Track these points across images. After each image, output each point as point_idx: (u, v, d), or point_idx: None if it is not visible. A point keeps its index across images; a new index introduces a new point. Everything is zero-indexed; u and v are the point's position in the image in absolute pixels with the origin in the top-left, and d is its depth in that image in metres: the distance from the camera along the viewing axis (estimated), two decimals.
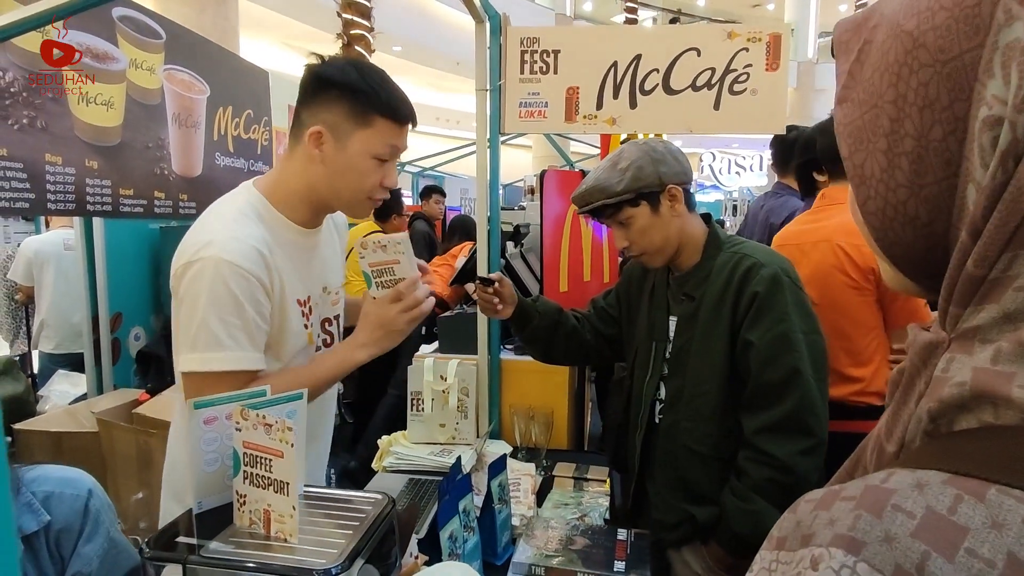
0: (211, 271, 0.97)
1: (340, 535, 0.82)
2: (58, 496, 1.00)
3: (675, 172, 1.29)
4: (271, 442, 0.81)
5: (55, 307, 3.15)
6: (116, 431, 2.13)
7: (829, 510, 0.29)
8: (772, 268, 1.22)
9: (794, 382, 1.17)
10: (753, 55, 1.85)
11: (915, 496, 0.27)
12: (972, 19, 0.29)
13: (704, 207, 8.58)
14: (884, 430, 0.35)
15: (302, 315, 1.12)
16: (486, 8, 1.82)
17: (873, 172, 0.35)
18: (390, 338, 1.09)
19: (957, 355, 0.30)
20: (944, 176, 0.31)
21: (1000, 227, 0.28)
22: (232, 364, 0.99)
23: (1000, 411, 0.27)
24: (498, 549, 1.30)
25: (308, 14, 11.46)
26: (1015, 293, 0.28)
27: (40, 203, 2.02)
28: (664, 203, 1.29)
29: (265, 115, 3.37)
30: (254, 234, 1.03)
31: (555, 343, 1.55)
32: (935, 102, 0.31)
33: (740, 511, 1.19)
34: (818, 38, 17.22)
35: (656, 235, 1.30)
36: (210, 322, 0.97)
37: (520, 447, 1.83)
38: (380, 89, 1.05)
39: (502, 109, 1.91)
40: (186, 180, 2.73)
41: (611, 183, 1.27)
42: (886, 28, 0.34)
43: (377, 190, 1.11)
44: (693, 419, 1.29)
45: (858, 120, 0.35)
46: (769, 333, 1.19)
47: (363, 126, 1.05)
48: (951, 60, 0.30)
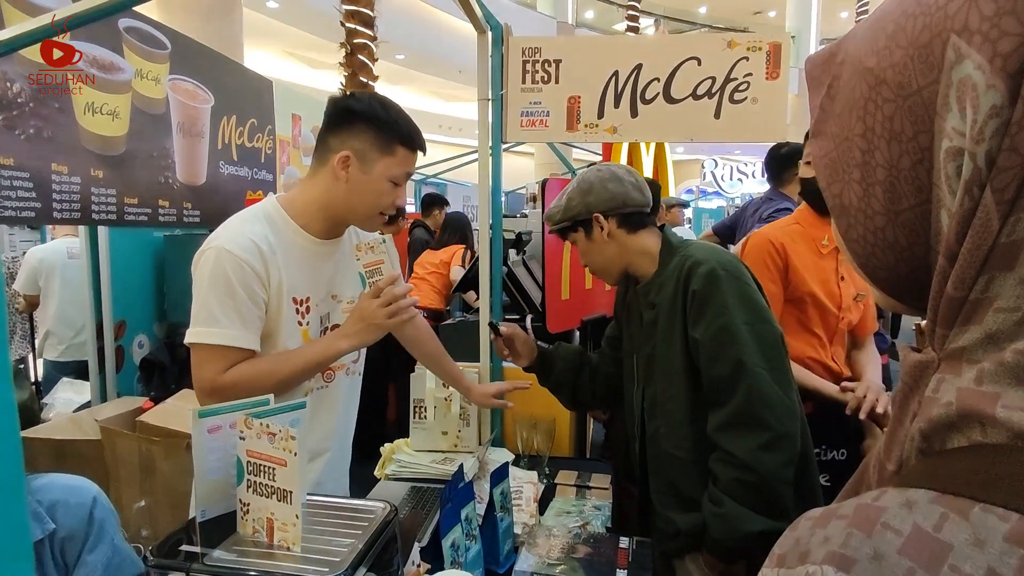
0: (213, 258, 1.11)
1: (343, 543, 0.82)
2: (63, 504, 1.01)
3: (602, 200, 1.35)
4: (274, 451, 0.81)
5: (60, 315, 3.17)
6: (119, 439, 2.13)
7: (825, 528, 0.30)
8: (709, 264, 1.23)
9: (740, 374, 1.16)
10: (753, 64, 1.86)
11: (903, 514, 0.28)
12: (926, 57, 0.30)
13: (706, 213, 8.50)
14: (883, 449, 0.35)
15: (296, 312, 1.21)
16: (488, 19, 1.84)
17: (851, 202, 0.36)
18: (370, 331, 1.19)
19: (946, 375, 0.31)
20: (917, 203, 0.33)
21: (973, 251, 0.29)
22: (223, 339, 1.10)
23: (987, 430, 0.28)
24: (500, 557, 1.30)
25: (311, 24, 11.54)
26: (995, 314, 0.29)
27: (46, 212, 2.04)
28: (595, 230, 1.36)
29: (269, 124, 3.39)
30: (256, 232, 1.16)
31: (581, 385, 1.57)
32: (901, 134, 0.32)
33: (712, 515, 1.18)
34: (819, 45, 17.28)
35: (595, 257, 1.40)
36: (209, 301, 1.10)
37: (522, 455, 1.83)
38: (401, 122, 1.21)
39: (504, 118, 1.92)
40: (190, 188, 2.75)
41: (553, 213, 1.41)
42: (851, 65, 0.35)
43: (389, 208, 1.25)
44: (669, 424, 1.30)
45: (832, 152, 0.37)
46: (711, 328, 1.20)
47: (387, 154, 1.20)
48: (911, 95, 0.31)
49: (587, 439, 2.37)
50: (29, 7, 1.89)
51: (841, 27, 18.28)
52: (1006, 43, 0.27)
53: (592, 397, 1.60)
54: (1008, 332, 0.29)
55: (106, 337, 2.66)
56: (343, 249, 1.31)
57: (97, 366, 2.64)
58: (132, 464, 2.11)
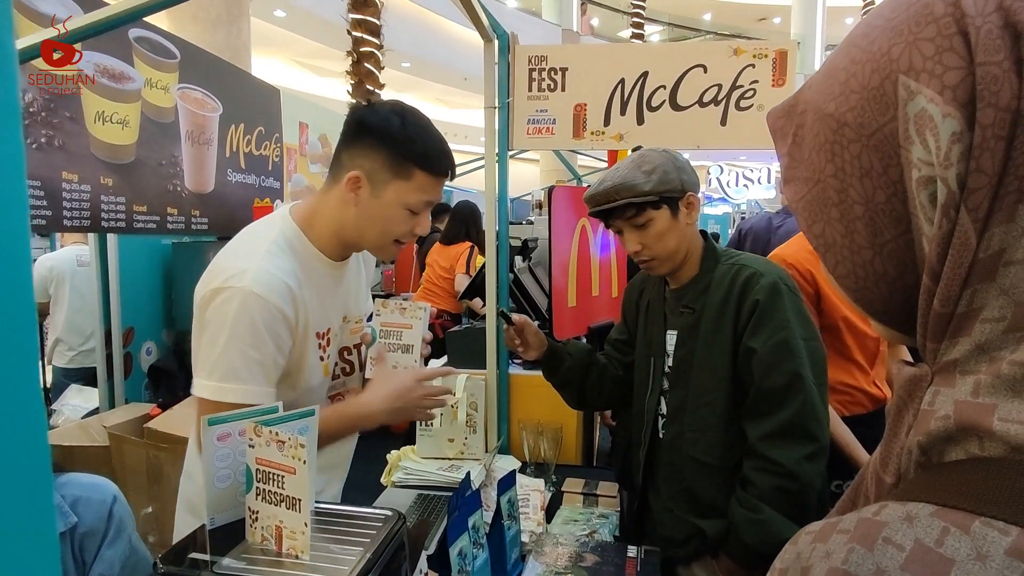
0: (239, 302, 0.97)
1: (351, 552, 0.82)
2: (85, 500, 1.02)
3: (693, 182, 1.33)
4: (284, 459, 0.81)
5: (69, 323, 3.19)
6: (127, 445, 2.14)
7: (826, 543, 0.30)
8: (771, 277, 1.25)
9: (796, 387, 1.18)
10: (759, 71, 1.86)
11: (905, 529, 0.28)
12: (880, 98, 0.33)
13: (713, 219, 8.48)
14: (879, 462, 0.36)
15: (319, 347, 1.13)
16: (494, 27, 1.85)
17: (835, 239, 0.37)
18: (402, 414, 1.11)
19: (941, 388, 0.32)
20: (899, 233, 0.34)
21: (956, 268, 0.31)
22: (245, 398, 0.98)
23: (985, 443, 0.29)
24: (508, 566, 1.30)
25: (318, 32, 11.63)
26: (982, 325, 0.30)
27: (56, 220, 2.06)
28: (682, 210, 1.31)
29: (276, 132, 3.42)
30: (285, 268, 1.02)
31: (588, 385, 1.55)
32: (871, 170, 0.34)
33: (748, 521, 1.19)
34: (825, 51, 17.27)
35: (671, 241, 1.30)
36: (230, 352, 0.97)
37: (529, 462, 1.83)
38: (420, 141, 1.04)
39: (510, 126, 1.93)
40: (198, 196, 2.77)
41: (638, 182, 1.26)
42: (812, 113, 0.37)
43: (406, 236, 1.11)
44: (699, 429, 1.30)
45: (808, 195, 0.38)
46: (771, 340, 1.21)
47: (400, 177, 1.05)
48: (874, 133, 0.33)
49: (594, 447, 2.36)
50: (38, 16, 1.92)
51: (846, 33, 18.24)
52: (952, 76, 0.30)
53: (599, 398, 1.58)
54: (997, 341, 0.30)
55: (115, 344, 2.67)
56: (351, 265, 1.22)
57: (106, 373, 2.66)
58: (140, 470, 2.12)
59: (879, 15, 0.35)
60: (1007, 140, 0.29)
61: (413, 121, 1.06)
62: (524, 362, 2.11)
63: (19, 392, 0.24)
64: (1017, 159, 0.29)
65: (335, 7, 6.90)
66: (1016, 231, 0.29)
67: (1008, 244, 0.29)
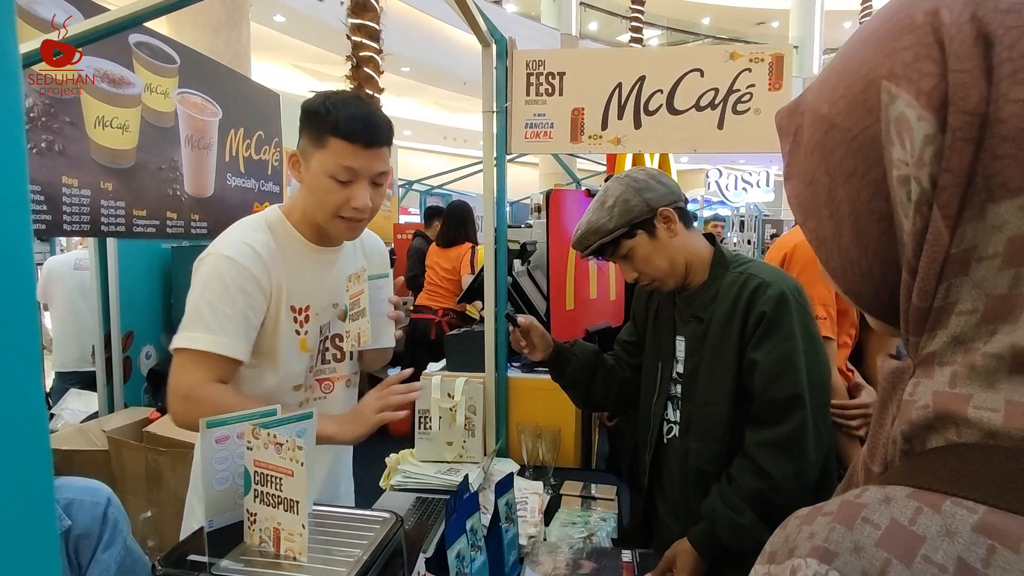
0: (211, 263, 1.09)
1: (349, 554, 0.83)
2: (79, 503, 1.02)
3: (661, 195, 1.30)
4: (281, 461, 0.82)
5: (67, 327, 3.19)
6: (126, 449, 2.14)
7: (811, 524, 0.32)
8: (778, 287, 1.23)
9: (795, 403, 1.18)
10: (756, 75, 1.87)
11: (882, 509, 0.30)
12: (864, 103, 0.35)
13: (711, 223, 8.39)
14: (867, 453, 0.38)
15: (294, 320, 1.18)
16: (492, 32, 1.86)
17: (826, 236, 0.39)
18: (358, 426, 1.10)
19: (921, 379, 0.34)
20: (881, 231, 0.36)
21: (930, 263, 0.33)
22: (212, 346, 1.05)
23: (961, 430, 0.31)
24: (505, 568, 1.30)
25: (318, 37, 11.67)
26: (958, 318, 0.32)
27: (56, 224, 2.06)
28: (659, 227, 1.30)
29: (276, 136, 3.42)
30: (258, 239, 1.13)
31: (595, 385, 1.54)
32: (856, 171, 0.36)
33: (730, 521, 1.19)
34: (823, 55, 17.32)
35: (660, 260, 1.31)
36: (201, 306, 1.07)
37: (527, 465, 1.83)
38: (335, 111, 1.08)
39: (509, 130, 1.93)
40: (198, 201, 2.78)
41: (603, 222, 1.30)
42: (810, 114, 0.40)
43: (344, 209, 1.13)
44: (703, 440, 1.29)
45: (803, 193, 0.41)
46: (773, 352, 1.20)
47: (319, 147, 1.10)
48: (858, 135, 0.36)
49: (593, 449, 2.36)
50: (39, 22, 1.93)
51: (844, 37, 18.29)
52: (927, 82, 0.32)
53: (605, 399, 1.57)
54: (971, 333, 0.32)
55: (114, 348, 2.68)
56: (346, 256, 1.28)
57: (105, 377, 2.66)
58: (139, 475, 2.12)
59: (869, 25, 0.37)
60: (975, 142, 0.30)
61: (337, 99, 1.11)
62: (522, 365, 2.12)
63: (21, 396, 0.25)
64: (985, 160, 0.30)
65: (335, 12, 6.93)
66: (986, 228, 0.31)
67: (979, 240, 0.31)
